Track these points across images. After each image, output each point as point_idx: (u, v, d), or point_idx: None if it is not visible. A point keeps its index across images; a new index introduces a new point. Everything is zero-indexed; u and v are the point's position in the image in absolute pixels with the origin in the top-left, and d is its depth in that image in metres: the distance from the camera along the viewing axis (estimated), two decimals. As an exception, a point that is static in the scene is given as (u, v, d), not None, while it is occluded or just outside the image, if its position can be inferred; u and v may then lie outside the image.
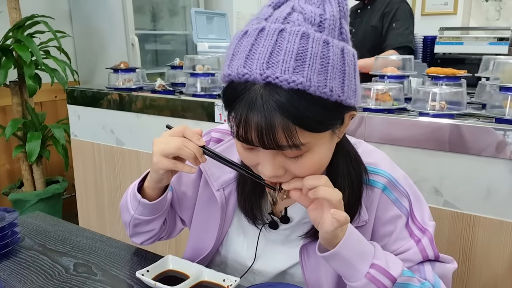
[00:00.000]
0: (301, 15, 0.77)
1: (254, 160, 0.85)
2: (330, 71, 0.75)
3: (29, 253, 1.21)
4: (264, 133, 0.75)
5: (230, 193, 1.07)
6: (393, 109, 1.71)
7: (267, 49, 0.75)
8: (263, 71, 0.74)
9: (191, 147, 0.92)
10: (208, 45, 2.90)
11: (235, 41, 0.81)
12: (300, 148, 0.78)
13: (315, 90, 0.74)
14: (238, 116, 0.76)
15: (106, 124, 2.55)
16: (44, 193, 3.33)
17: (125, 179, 2.52)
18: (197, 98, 2.16)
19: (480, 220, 1.52)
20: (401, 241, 0.99)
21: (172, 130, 0.95)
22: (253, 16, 0.84)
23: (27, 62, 2.96)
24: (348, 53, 0.79)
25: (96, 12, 3.74)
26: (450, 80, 1.86)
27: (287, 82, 0.73)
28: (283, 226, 1.05)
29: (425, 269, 0.99)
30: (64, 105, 2.94)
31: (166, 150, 0.93)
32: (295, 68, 0.73)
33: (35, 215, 1.48)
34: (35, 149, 3.17)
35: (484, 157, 1.47)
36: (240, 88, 0.76)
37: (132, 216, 1.09)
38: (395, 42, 3.04)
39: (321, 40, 0.76)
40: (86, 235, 1.33)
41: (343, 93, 0.78)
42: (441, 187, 1.57)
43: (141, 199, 1.05)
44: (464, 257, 1.56)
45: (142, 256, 1.20)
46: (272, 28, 0.76)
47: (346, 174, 0.94)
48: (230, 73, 0.78)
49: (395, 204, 0.99)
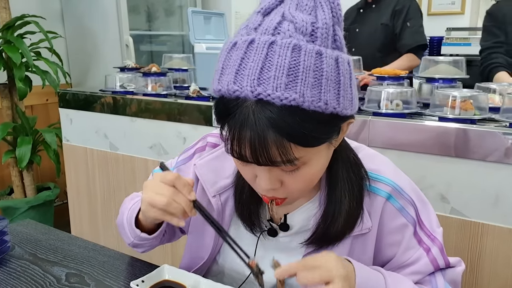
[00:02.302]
0: (292, 25, 0.76)
1: (251, 173, 0.87)
2: (324, 84, 0.75)
3: (19, 262, 1.21)
4: (258, 150, 0.75)
5: (227, 200, 1.07)
6: (474, 119, 1.60)
7: (257, 64, 0.74)
8: (254, 88, 0.74)
9: (181, 201, 0.93)
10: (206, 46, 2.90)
11: (224, 53, 0.81)
12: (295, 163, 0.79)
13: (309, 105, 0.74)
14: (231, 133, 0.77)
15: (99, 129, 2.55)
16: (35, 200, 3.32)
17: (119, 186, 2.52)
18: (194, 101, 2.17)
19: (489, 228, 1.52)
20: (410, 250, 0.99)
21: (164, 177, 0.95)
22: (242, 24, 0.84)
23: (17, 64, 2.97)
24: (343, 62, 0.79)
25: (89, 12, 3.75)
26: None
27: (279, 99, 0.73)
28: (282, 234, 1.05)
29: (436, 280, 0.99)
30: (55, 108, 2.95)
31: (155, 202, 0.93)
32: (287, 84, 0.73)
33: (25, 223, 1.48)
34: (25, 154, 3.17)
35: (491, 162, 1.47)
36: (231, 104, 0.76)
37: (132, 241, 1.12)
38: (413, 41, 3.12)
39: (314, 52, 0.75)
40: (79, 243, 1.33)
41: (338, 104, 0.77)
42: (448, 194, 1.57)
43: (140, 234, 1.08)
44: (472, 267, 1.56)
45: (137, 265, 1.20)
46: (262, 40, 0.76)
47: (347, 179, 0.94)
48: (221, 88, 0.78)
49: (401, 213, 0.99)
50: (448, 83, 2.00)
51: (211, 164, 1.08)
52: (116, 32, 3.69)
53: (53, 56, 3.30)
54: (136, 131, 2.40)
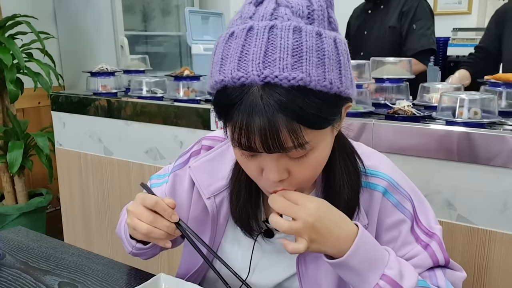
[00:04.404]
0: (288, 9, 0.80)
1: (257, 167, 0.87)
2: (327, 63, 0.78)
3: (10, 271, 1.22)
4: (269, 137, 0.76)
5: (222, 201, 1.08)
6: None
7: (260, 48, 0.77)
8: (260, 71, 0.75)
9: (162, 227, 0.97)
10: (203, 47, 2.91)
11: (221, 44, 0.82)
12: (305, 148, 0.80)
13: (315, 85, 0.76)
14: (238, 124, 0.78)
15: (93, 132, 2.55)
16: (26, 207, 3.33)
17: (114, 192, 2.53)
18: (191, 104, 2.17)
19: (497, 236, 1.52)
20: (407, 246, 1.01)
21: (143, 200, 0.98)
22: (234, 16, 0.85)
23: (8, 66, 2.97)
24: (341, 43, 0.83)
25: (83, 12, 3.76)
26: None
27: (287, 80, 0.75)
28: (278, 235, 1.06)
29: (436, 275, 1.00)
30: (48, 111, 2.95)
31: (137, 228, 0.98)
32: (293, 64, 0.75)
33: (16, 230, 1.48)
34: (16, 159, 3.17)
35: (499, 167, 1.48)
36: (235, 93, 0.77)
37: (131, 251, 1.14)
38: (418, 45, 3.02)
39: (314, 32, 0.78)
40: (72, 251, 1.33)
41: (341, 84, 0.81)
42: (454, 200, 1.57)
43: (136, 245, 1.11)
44: (479, 275, 1.56)
45: (132, 274, 1.20)
46: (261, 26, 0.78)
47: (344, 168, 0.96)
48: (223, 78, 0.79)
49: (397, 208, 1.00)
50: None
51: (206, 166, 1.10)
52: (110, 33, 3.70)
53: (45, 57, 3.30)
54: (132, 135, 2.40)
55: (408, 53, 3.02)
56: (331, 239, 0.86)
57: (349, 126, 1.05)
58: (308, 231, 0.84)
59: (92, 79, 2.58)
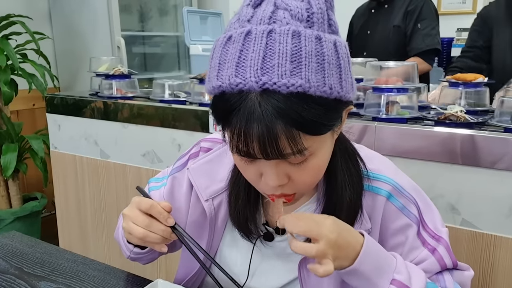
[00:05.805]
0: (287, 12, 0.79)
1: (256, 172, 0.87)
2: (327, 68, 0.78)
3: (4, 277, 1.22)
4: (267, 144, 0.77)
5: (220, 204, 1.09)
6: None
7: (258, 54, 0.77)
8: (258, 78, 0.75)
9: (158, 231, 0.99)
10: (202, 48, 2.91)
11: (219, 49, 0.82)
12: (304, 154, 0.80)
13: (315, 91, 0.76)
14: (236, 130, 0.78)
15: (89, 135, 2.55)
16: (21, 211, 3.33)
17: (110, 196, 2.53)
18: (189, 107, 2.17)
19: (502, 241, 1.52)
20: (414, 251, 1.01)
21: (139, 204, 1.00)
22: (232, 18, 0.85)
23: (2, 67, 2.98)
24: (341, 46, 0.83)
25: (78, 12, 3.76)
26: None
27: (286, 87, 0.75)
28: (278, 238, 1.06)
29: (445, 278, 1.00)
30: (43, 114, 2.95)
31: (133, 232, 0.99)
32: (292, 70, 0.75)
33: (11, 235, 1.48)
34: (11, 162, 3.17)
35: (504, 171, 1.48)
36: (234, 99, 0.78)
37: (129, 255, 1.15)
38: (422, 44, 3.04)
39: (313, 37, 0.78)
40: (67, 257, 1.33)
41: (341, 88, 0.81)
42: (458, 205, 1.57)
43: (133, 249, 1.12)
44: (484, 281, 1.56)
45: (129, 280, 1.20)
46: (259, 30, 0.78)
47: (346, 170, 0.97)
48: (221, 84, 0.79)
49: (403, 212, 1.00)
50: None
51: (204, 168, 1.10)
52: (107, 33, 3.70)
53: (40, 58, 3.31)
54: (128, 137, 2.40)
55: (412, 53, 3.05)
56: (349, 252, 0.87)
57: (350, 129, 1.05)
58: (331, 249, 0.84)
59: (107, 82, 2.49)
